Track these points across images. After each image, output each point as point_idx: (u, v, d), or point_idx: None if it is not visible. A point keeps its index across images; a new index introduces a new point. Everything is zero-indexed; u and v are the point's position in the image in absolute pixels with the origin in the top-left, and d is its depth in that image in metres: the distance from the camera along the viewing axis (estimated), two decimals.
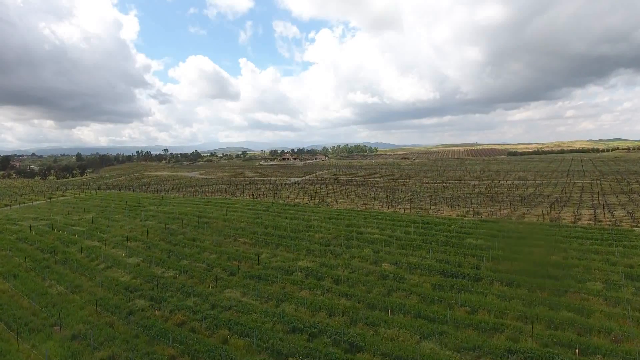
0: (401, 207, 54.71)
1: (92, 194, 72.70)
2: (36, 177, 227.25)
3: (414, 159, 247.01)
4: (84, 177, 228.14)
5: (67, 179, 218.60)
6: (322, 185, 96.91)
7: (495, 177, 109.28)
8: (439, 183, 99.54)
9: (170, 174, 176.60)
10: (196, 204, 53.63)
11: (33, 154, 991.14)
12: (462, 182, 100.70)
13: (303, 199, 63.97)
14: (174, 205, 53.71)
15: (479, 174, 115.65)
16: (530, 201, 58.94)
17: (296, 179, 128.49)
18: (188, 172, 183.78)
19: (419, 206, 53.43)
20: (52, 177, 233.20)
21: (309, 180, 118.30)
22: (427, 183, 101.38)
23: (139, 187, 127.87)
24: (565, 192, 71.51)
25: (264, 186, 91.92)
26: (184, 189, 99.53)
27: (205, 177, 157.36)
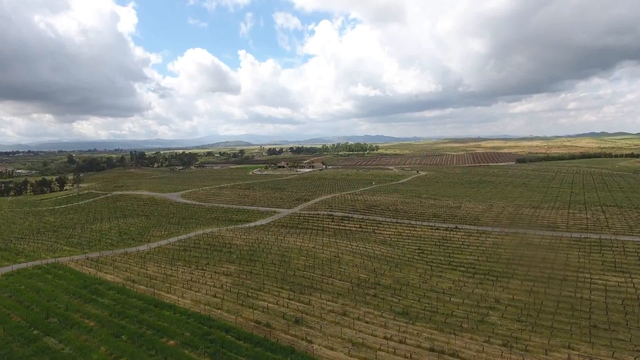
0: (411, 325, 38.49)
1: (7, 280, 56.24)
2: (11, 193, 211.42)
3: (417, 172, 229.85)
4: (61, 192, 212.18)
5: (43, 195, 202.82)
6: (311, 237, 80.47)
7: (518, 217, 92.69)
8: (452, 231, 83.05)
9: (151, 194, 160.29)
10: (115, 339, 37.07)
11: (29, 151, 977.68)
12: (480, 228, 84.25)
13: (279, 293, 47.61)
14: (83, 337, 37.32)
15: (497, 212, 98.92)
16: (596, 316, 42.49)
17: (285, 212, 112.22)
18: (171, 191, 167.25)
19: (434, 325, 37.06)
20: (28, 193, 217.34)
21: (298, 219, 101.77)
22: (437, 230, 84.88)
23: (103, 220, 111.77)
24: (623, 272, 55.00)
25: (240, 242, 75.50)
26: (146, 238, 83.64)
27: (185, 201, 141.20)
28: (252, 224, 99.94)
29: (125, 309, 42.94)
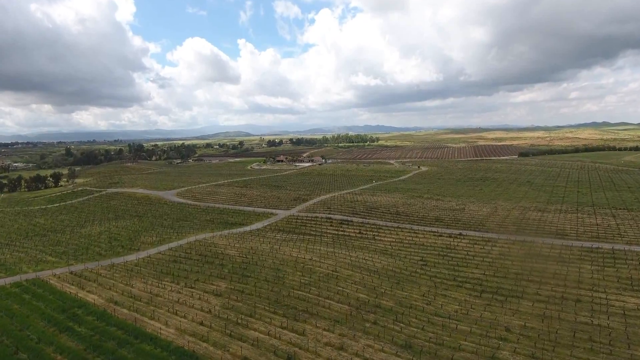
0: None
1: None
2: (4, 190, 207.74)
3: (418, 167, 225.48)
4: (56, 188, 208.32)
5: (37, 192, 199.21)
6: (308, 245, 76.85)
7: (524, 222, 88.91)
8: (457, 238, 79.40)
9: (146, 192, 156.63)
10: None
11: (28, 143, 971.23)
12: (485, 235, 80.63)
13: (271, 319, 43.99)
14: None
15: (503, 215, 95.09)
16: (617, 350, 38.83)
17: (283, 214, 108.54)
18: (167, 189, 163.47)
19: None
20: (22, 189, 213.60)
21: (296, 223, 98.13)
22: (440, 236, 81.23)
23: (95, 222, 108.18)
24: None
25: (233, 252, 71.97)
26: (136, 246, 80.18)
27: (181, 200, 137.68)
28: (248, 228, 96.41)
29: (103, 342, 39.35)
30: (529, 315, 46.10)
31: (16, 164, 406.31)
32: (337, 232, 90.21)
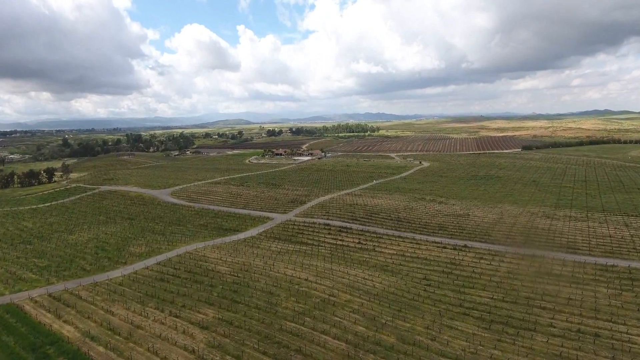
0: None
1: None
2: None
3: (420, 162, 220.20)
4: (49, 184, 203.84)
5: (30, 189, 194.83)
6: (305, 259, 72.57)
7: (532, 231, 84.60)
8: (462, 251, 75.16)
9: (140, 191, 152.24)
10: None
11: (27, 132, 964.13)
12: (491, 247, 76.43)
13: None
14: None
15: (509, 223, 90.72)
16: None
17: (279, 218, 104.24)
18: (162, 187, 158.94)
19: None
20: (16, 185, 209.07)
21: (292, 230, 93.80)
22: (444, 249, 77.01)
23: (84, 226, 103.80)
24: None
25: (224, 269, 67.70)
26: (123, 258, 75.93)
27: (175, 201, 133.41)
28: (242, 236, 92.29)
29: None
30: (544, 355, 41.98)
31: (12, 156, 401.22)
32: (335, 242, 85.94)
